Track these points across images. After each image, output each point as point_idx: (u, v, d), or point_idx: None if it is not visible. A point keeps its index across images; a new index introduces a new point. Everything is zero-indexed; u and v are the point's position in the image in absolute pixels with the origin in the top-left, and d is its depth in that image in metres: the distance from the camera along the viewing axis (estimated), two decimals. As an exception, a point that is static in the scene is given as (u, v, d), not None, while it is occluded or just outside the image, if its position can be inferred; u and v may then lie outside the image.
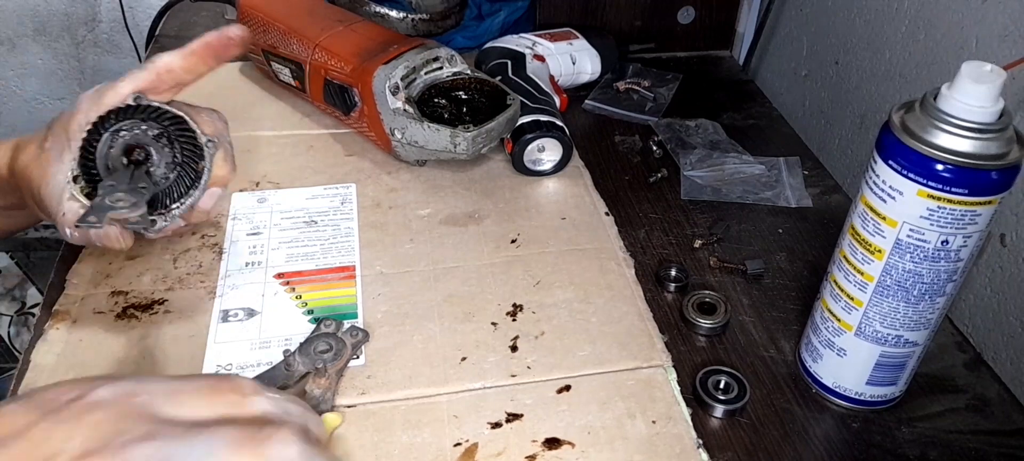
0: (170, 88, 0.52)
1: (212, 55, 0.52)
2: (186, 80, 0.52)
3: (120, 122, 0.49)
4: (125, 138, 0.50)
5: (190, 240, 0.60)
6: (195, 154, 0.51)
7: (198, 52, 0.51)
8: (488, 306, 0.56)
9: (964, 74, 0.39)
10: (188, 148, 0.51)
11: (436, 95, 0.68)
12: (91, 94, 0.50)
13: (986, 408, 0.52)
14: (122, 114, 0.49)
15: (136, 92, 0.50)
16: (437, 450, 0.46)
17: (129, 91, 0.50)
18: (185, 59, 0.51)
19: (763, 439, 0.49)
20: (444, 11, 0.90)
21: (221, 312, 0.54)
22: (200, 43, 0.51)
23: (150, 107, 0.50)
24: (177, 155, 0.51)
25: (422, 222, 0.64)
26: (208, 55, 0.52)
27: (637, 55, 0.92)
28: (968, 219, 0.41)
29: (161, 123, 0.50)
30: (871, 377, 0.49)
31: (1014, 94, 0.58)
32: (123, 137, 0.50)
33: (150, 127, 0.50)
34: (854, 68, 0.80)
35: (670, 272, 0.59)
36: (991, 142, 0.39)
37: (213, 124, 0.53)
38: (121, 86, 0.50)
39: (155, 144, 0.50)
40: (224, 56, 0.52)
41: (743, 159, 0.73)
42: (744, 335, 0.56)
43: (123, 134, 0.50)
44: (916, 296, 0.44)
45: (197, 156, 0.51)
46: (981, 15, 0.62)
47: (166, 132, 0.51)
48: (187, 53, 0.51)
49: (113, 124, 0.49)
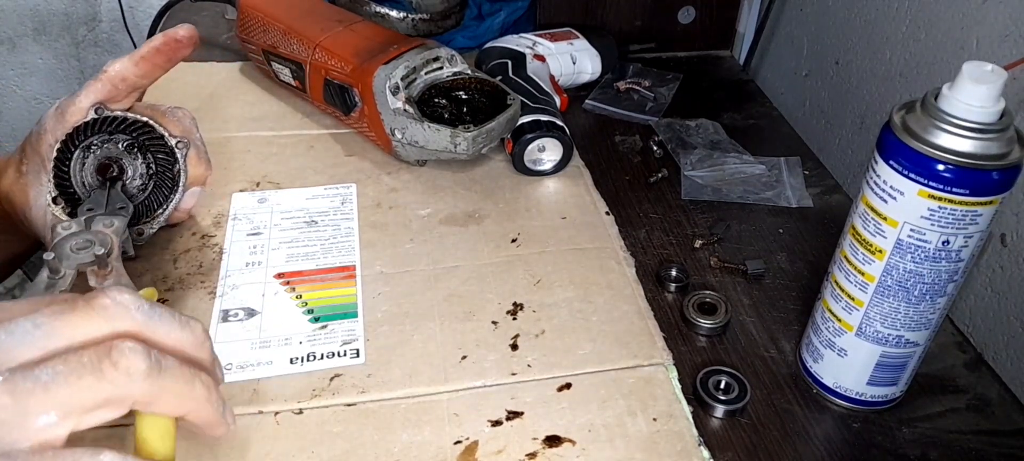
0: (127, 95, 0.51)
1: (164, 58, 0.51)
2: (142, 84, 0.52)
3: (89, 138, 0.49)
4: (97, 155, 0.49)
5: (190, 240, 0.60)
6: (168, 159, 0.51)
7: (148, 57, 0.51)
8: (488, 305, 0.56)
9: (965, 74, 0.39)
10: (160, 154, 0.51)
11: (436, 95, 0.68)
12: (53, 112, 0.49)
13: (987, 408, 0.51)
14: (89, 129, 0.49)
15: (95, 104, 0.49)
16: (437, 448, 0.46)
17: (88, 104, 0.49)
18: (137, 65, 0.51)
19: (763, 439, 0.49)
20: (444, 11, 0.90)
21: (221, 312, 0.54)
22: (148, 47, 0.51)
23: (115, 119, 0.50)
24: (151, 164, 0.51)
25: (422, 222, 0.64)
26: (158, 58, 0.51)
27: (637, 55, 0.92)
28: (969, 219, 0.41)
29: (129, 133, 0.50)
30: (872, 377, 0.49)
31: (1015, 94, 0.58)
32: (94, 154, 0.49)
33: (118, 139, 0.50)
34: (855, 68, 0.80)
35: (670, 272, 0.59)
36: (992, 142, 0.39)
37: (180, 124, 0.53)
38: (80, 100, 0.49)
39: (127, 156, 0.50)
40: (175, 57, 0.52)
41: (743, 159, 0.73)
42: (745, 335, 0.56)
43: (94, 150, 0.49)
44: (917, 296, 0.44)
45: (171, 160, 0.51)
46: (982, 15, 0.62)
47: (136, 142, 0.50)
48: (137, 59, 0.51)
49: (82, 141, 0.49)
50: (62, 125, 0.49)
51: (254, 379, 0.49)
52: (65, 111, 0.49)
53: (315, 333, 0.53)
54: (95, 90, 0.50)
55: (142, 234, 0.52)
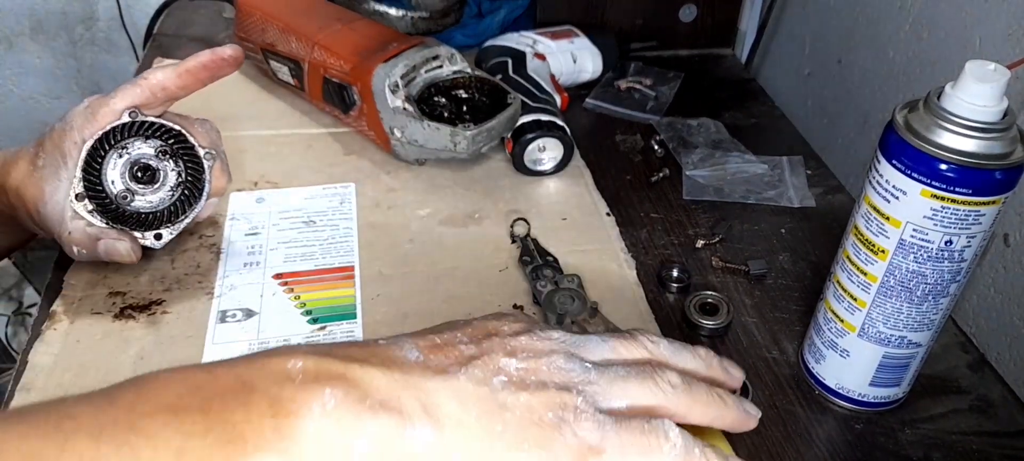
0: (162, 103, 0.52)
1: (207, 74, 0.53)
2: (178, 96, 0.53)
3: (123, 140, 0.50)
4: (130, 155, 0.51)
5: (188, 241, 0.60)
6: (196, 167, 0.53)
7: (193, 71, 0.52)
8: (488, 306, 0.56)
9: (968, 73, 0.39)
10: (189, 163, 0.53)
11: (436, 94, 0.68)
12: (83, 110, 0.50)
13: (990, 409, 0.51)
14: (122, 131, 0.50)
15: (129, 107, 0.50)
16: (437, 452, 0.45)
17: (123, 107, 0.50)
18: (180, 77, 0.52)
19: (765, 440, 0.48)
20: (444, 9, 0.89)
21: (219, 313, 0.54)
22: (195, 62, 0.52)
23: (150, 124, 0.51)
24: (181, 172, 0.53)
25: (422, 222, 0.64)
26: (203, 74, 0.53)
27: (638, 53, 0.92)
28: (972, 219, 0.41)
29: (163, 139, 0.52)
30: (874, 378, 0.48)
31: (1018, 93, 0.57)
32: (128, 155, 0.51)
33: (152, 144, 0.51)
34: (857, 67, 0.80)
35: (672, 273, 0.59)
36: (995, 142, 0.39)
37: (208, 136, 0.54)
38: (115, 102, 0.50)
39: (159, 161, 0.52)
40: (217, 75, 0.54)
41: (745, 158, 0.73)
42: (746, 336, 0.56)
43: (128, 151, 0.51)
44: (920, 297, 0.44)
45: (198, 169, 0.53)
46: (985, 14, 0.62)
47: (168, 148, 0.52)
48: (182, 71, 0.52)
49: (116, 141, 0.50)
50: (93, 124, 0.50)
51: (252, 381, 0.49)
52: (96, 111, 0.50)
53: (314, 334, 0.53)
54: (132, 94, 0.51)
55: (160, 238, 0.53)
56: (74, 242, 0.51)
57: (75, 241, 0.51)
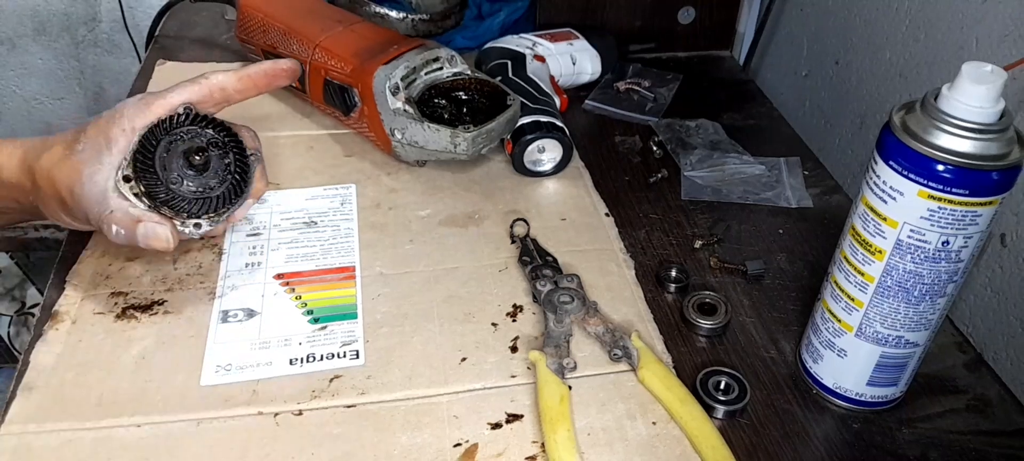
0: (217, 104, 0.54)
1: (265, 82, 0.56)
2: (235, 100, 0.55)
3: (177, 128, 0.52)
4: (185, 141, 0.52)
5: (190, 241, 0.60)
6: (243, 165, 0.54)
7: (253, 76, 0.55)
8: (488, 307, 0.56)
9: (965, 74, 0.39)
10: (238, 159, 0.54)
11: (436, 95, 0.68)
12: (137, 101, 0.52)
13: (987, 409, 0.51)
14: (176, 121, 0.52)
15: (186, 103, 0.52)
16: (437, 451, 0.46)
17: (180, 101, 0.52)
18: (240, 81, 0.54)
19: (763, 440, 0.49)
20: (444, 11, 0.90)
21: (221, 313, 0.54)
22: (257, 70, 0.55)
23: (204, 117, 0.53)
24: (230, 165, 0.54)
25: (422, 223, 0.64)
26: (262, 81, 0.55)
27: (637, 55, 0.92)
28: (969, 220, 0.41)
29: (216, 132, 0.53)
30: (871, 378, 0.49)
31: (1014, 94, 0.58)
32: (181, 142, 0.52)
33: (205, 136, 0.53)
34: (854, 68, 0.80)
35: (670, 273, 0.59)
36: (992, 143, 0.39)
37: (252, 140, 0.56)
38: (172, 97, 0.52)
39: (211, 151, 0.53)
40: (274, 85, 0.57)
41: (743, 159, 0.73)
42: (744, 336, 0.56)
43: (180, 137, 0.52)
44: (917, 297, 0.44)
45: (245, 167, 0.54)
46: (981, 15, 0.62)
47: (220, 141, 0.53)
48: (243, 75, 0.54)
49: (168, 129, 0.51)
50: (146, 115, 0.51)
51: (253, 380, 0.49)
52: (151, 104, 0.51)
53: (315, 334, 0.53)
54: (191, 91, 0.53)
55: (200, 227, 0.53)
56: (115, 221, 0.50)
57: (116, 220, 0.50)
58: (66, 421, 0.46)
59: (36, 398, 0.48)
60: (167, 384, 0.49)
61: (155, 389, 0.48)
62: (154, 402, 0.48)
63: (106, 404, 0.47)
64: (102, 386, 0.48)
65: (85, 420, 0.46)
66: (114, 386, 0.48)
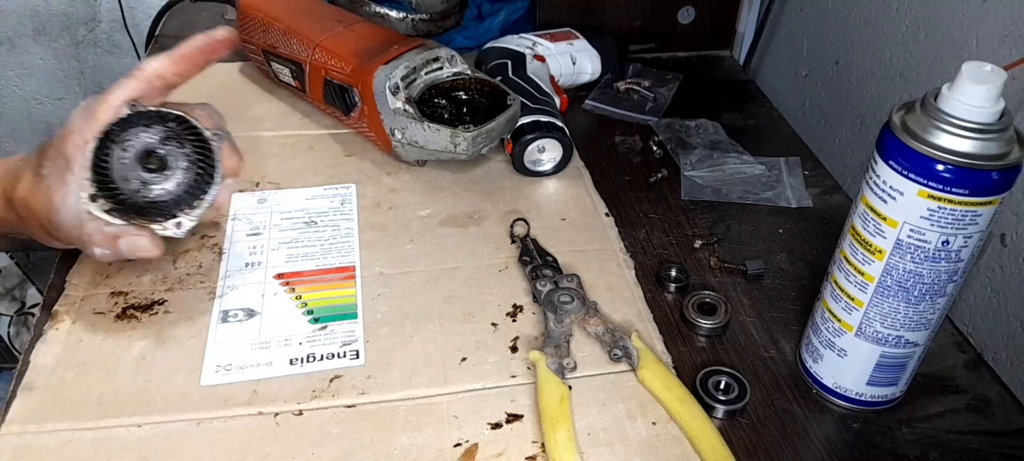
0: (161, 93, 0.51)
1: (202, 57, 0.52)
2: (176, 83, 0.52)
3: (124, 132, 0.49)
4: (136, 146, 0.50)
5: (190, 241, 0.60)
6: (205, 149, 0.51)
7: (187, 56, 0.51)
8: (488, 307, 0.56)
9: (964, 74, 0.39)
10: (197, 145, 0.51)
11: (436, 95, 0.68)
12: (80, 112, 0.49)
13: (987, 409, 0.51)
14: (124, 124, 0.49)
15: (127, 101, 0.49)
16: (437, 451, 0.46)
17: (121, 101, 0.49)
18: (175, 64, 0.51)
19: (763, 439, 0.49)
20: (444, 11, 0.90)
21: (221, 312, 0.54)
22: (188, 47, 0.51)
23: (150, 112, 0.50)
24: (190, 155, 0.51)
25: (422, 223, 0.64)
26: (197, 58, 0.51)
27: (637, 55, 0.92)
28: (968, 219, 0.41)
29: (166, 125, 0.50)
30: (871, 377, 0.49)
31: (1014, 94, 0.58)
32: (132, 146, 0.49)
33: (155, 131, 0.50)
34: (854, 68, 0.80)
35: (670, 273, 0.59)
36: (991, 142, 0.39)
37: (211, 118, 0.53)
38: (111, 98, 0.49)
39: (166, 147, 0.50)
40: (212, 58, 0.52)
41: (743, 159, 0.73)
42: (744, 335, 0.56)
43: (131, 143, 0.49)
44: (917, 296, 0.44)
45: (207, 151, 0.51)
46: (981, 15, 0.62)
47: (173, 133, 0.51)
48: (177, 57, 0.51)
49: (118, 135, 0.49)
50: (93, 124, 0.48)
51: (254, 380, 0.49)
52: (94, 110, 0.49)
53: (315, 334, 0.53)
54: (129, 88, 0.50)
55: (181, 226, 0.51)
56: (95, 243, 0.50)
57: (95, 243, 0.50)
58: (66, 421, 0.46)
59: (36, 398, 0.48)
60: (167, 384, 0.49)
61: (155, 389, 0.48)
62: (154, 402, 0.48)
63: (106, 404, 0.47)
64: (102, 386, 0.48)
65: (85, 420, 0.46)
66: (114, 386, 0.48)
